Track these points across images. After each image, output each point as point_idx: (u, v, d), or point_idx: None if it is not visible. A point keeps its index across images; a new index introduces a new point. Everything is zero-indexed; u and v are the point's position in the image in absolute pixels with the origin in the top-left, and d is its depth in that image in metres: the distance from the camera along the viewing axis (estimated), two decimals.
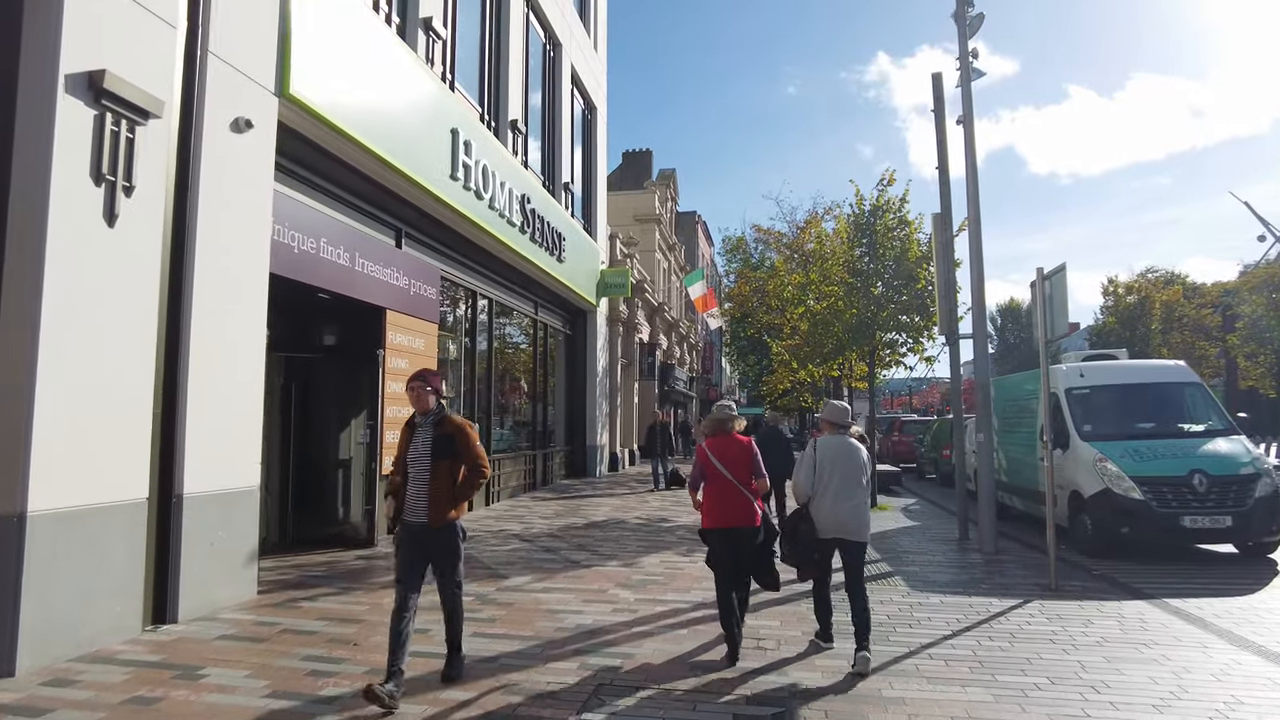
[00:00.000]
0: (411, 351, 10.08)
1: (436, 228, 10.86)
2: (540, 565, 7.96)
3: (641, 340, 24.43)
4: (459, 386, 12.33)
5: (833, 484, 4.97)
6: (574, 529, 10.55)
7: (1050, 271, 7.12)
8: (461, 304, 12.47)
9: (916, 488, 18.92)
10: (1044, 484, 10.29)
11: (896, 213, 14.24)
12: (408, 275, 10.01)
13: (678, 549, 9.04)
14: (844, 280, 14.61)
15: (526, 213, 12.98)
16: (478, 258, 12.41)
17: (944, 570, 8.05)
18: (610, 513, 12.29)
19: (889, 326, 14.23)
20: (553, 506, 12.96)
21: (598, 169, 19.21)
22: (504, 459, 13.82)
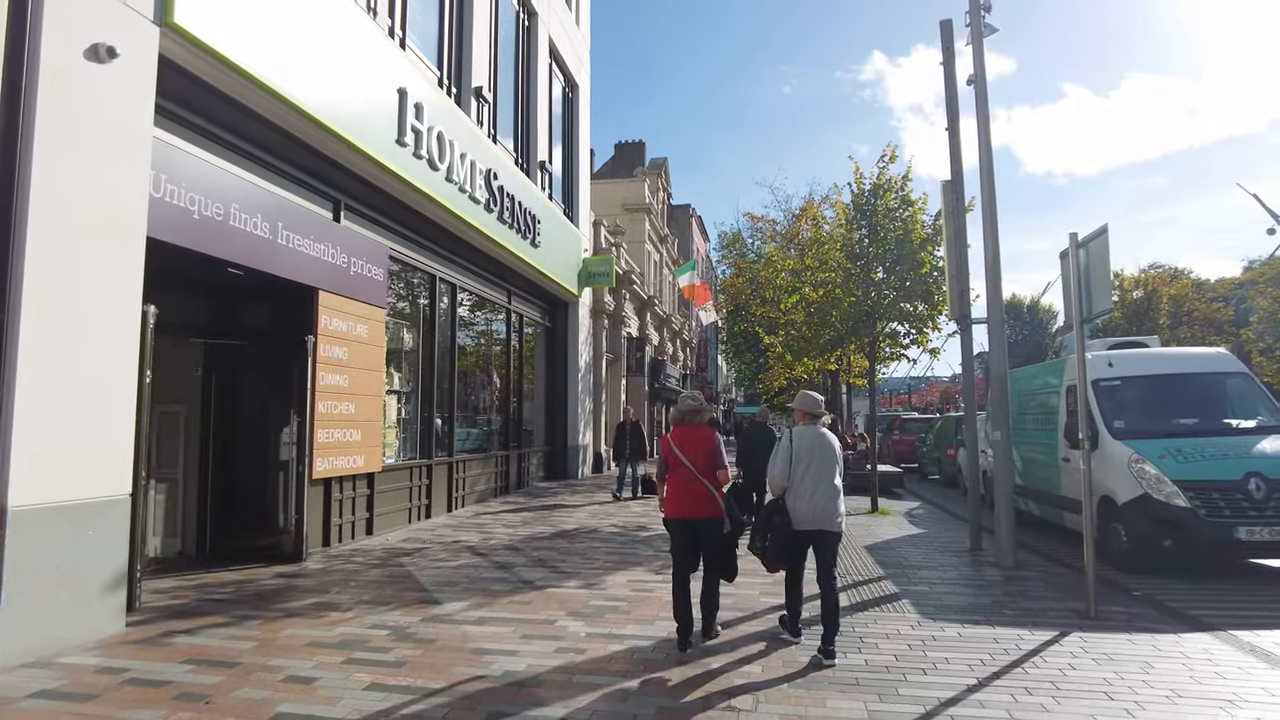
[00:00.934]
0: (352, 339, 8.91)
1: (384, 201, 9.69)
2: (485, 587, 6.79)
3: (630, 334, 23.26)
4: (415, 380, 11.15)
5: (809, 475, 4.90)
6: (538, 540, 9.38)
7: (1087, 236, 5.96)
8: (419, 289, 11.29)
9: (919, 489, 17.77)
10: (1067, 488, 9.16)
11: (899, 192, 13.09)
12: (347, 253, 8.84)
13: (650, 564, 7.87)
14: (842, 266, 13.46)
15: (493, 190, 11.81)
16: (437, 238, 11.24)
17: (958, 590, 6.89)
18: (584, 520, 11.12)
19: (890, 315, 13.08)
20: (522, 513, 11.79)
21: (579, 151, 18.04)
22: (470, 461, 12.65)
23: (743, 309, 22.86)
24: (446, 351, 11.96)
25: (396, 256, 10.31)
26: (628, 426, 14.32)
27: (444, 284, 11.80)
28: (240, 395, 8.73)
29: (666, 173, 32.49)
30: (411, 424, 10.99)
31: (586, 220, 18.58)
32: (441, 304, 11.77)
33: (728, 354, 50.62)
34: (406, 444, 10.85)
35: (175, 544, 8.30)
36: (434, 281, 11.40)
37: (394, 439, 10.37)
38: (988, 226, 8.51)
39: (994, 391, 8.48)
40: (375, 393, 9.43)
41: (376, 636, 5.21)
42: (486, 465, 13.30)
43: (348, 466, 8.81)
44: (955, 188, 8.89)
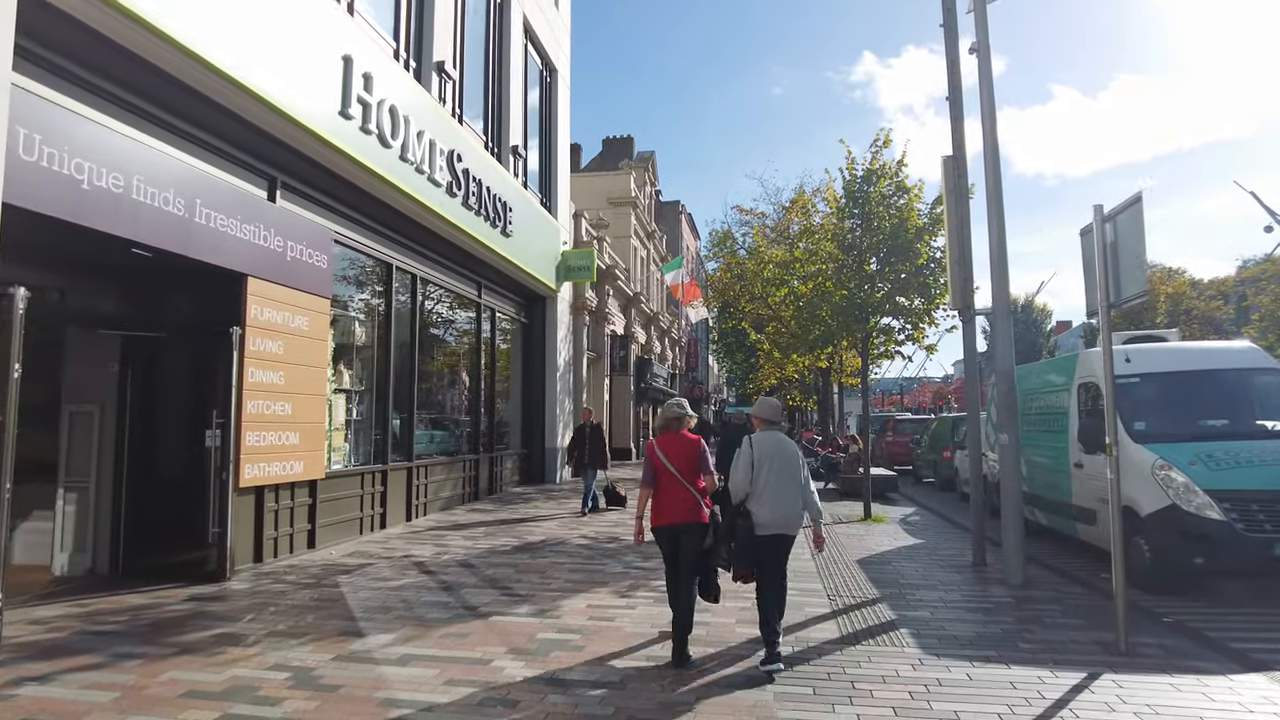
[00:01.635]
0: (289, 332, 8.01)
1: (329, 180, 8.80)
2: (422, 615, 5.91)
3: (614, 332, 22.39)
4: (370, 379, 10.26)
5: (771, 480, 4.90)
6: (497, 554, 8.50)
7: (1116, 208, 5.11)
8: (373, 278, 10.40)
9: (914, 493, 16.96)
10: (1079, 496, 8.34)
11: (893, 178, 12.27)
12: (284, 236, 7.95)
13: (618, 584, 7.01)
14: (833, 257, 12.63)
15: (456, 173, 10.92)
16: (394, 223, 10.34)
17: (964, 616, 6.05)
18: (553, 530, 10.24)
19: (884, 310, 12.26)
20: (487, 523, 10.90)
21: (558, 139, 17.16)
22: (434, 465, 11.75)
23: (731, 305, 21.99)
24: (406, 347, 11.06)
25: (345, 242, 9.41)
26: (586, 430, 12.53)
27: (402, 274, 10.90)
28: (162, 394, 7.81)
29: (654, 166, 31.58)
30: (365, 426, 10.09)
31: (566, 212, 17.71)
32: (400, 295, 10.88)
33: (718, 353, 49.84)
34: (358, 448, 9.95)
35: (85, 560, 7.40)
36: (390, 271, 10.50)
37: (342, 442, 9.48)
38: (992, 208, 7.68)
39: (1000, 390, 7.65)
40: (318, 391, 8.54)
41: (272, 682, 4.33)
42: (453, 470, 12.41)
43: (284, 474, 7.91)
44: (957, 164, 8.05)
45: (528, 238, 14.34)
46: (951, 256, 8.05)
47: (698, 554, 4.92)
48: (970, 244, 8.07)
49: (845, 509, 13.54)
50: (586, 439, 12.37)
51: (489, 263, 13.22)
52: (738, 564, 4.87)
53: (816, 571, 7.76)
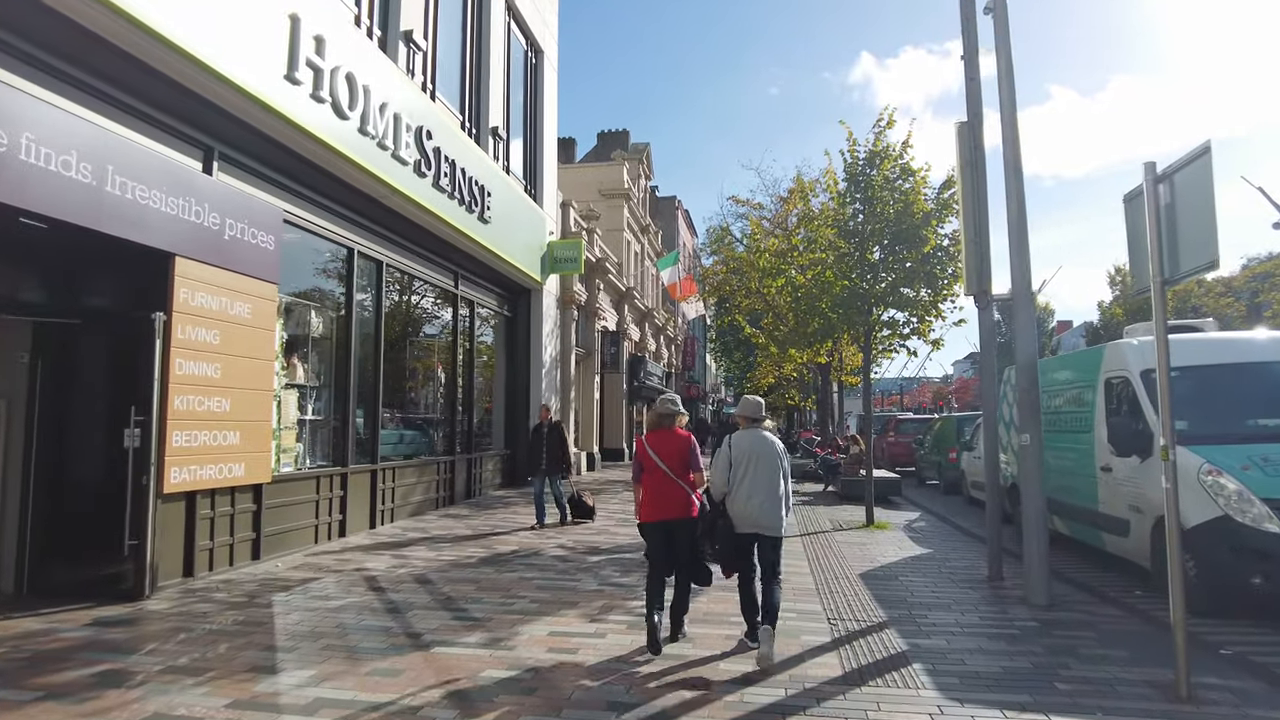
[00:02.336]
0: (228, 320, 7.18)
1: (277, 153, 7.95)
2: (354, 645, 5.07)
3: (605, 328, 21.56)
4: (328, 373, 9.42)
5: (748, 479, 4.94)
6: (461, 567, 7.66)
7: (1175, 164, 4.26)
8: (332, 264, 9.55)
9: (917, 497, 16.13)
10: (1106, 503, 7.50)
11: (898, 161, 11.43)
12: (221, 212, 7.11)
13: (588, 605, 6.16)
14: (833, 245, 11.79)
15: (426, 151, 10.08)
16: (355, 203, 9.50)
17: (985, 645, 5.21)
18: (528, 539, 9.40)
19: (888, 301, 11.42)
20: (457, 530, 10.05)
21: (544, 123, 16.32)
22: (404, 468, 10.90)
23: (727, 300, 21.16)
24: (371, 340, 10.22)
25: (298, 223, 8.57)
26: (544, 430, 10.42)
27: (366, 260, 10.06)
28: (79, 387, 6.96)
29: (649, 158, 30.70)
30: (322, 425, 9.25)
31: (553, 201, 16.87)
32: (362, 283, 10.03)
33: (716, 352, 49.00)
34: (315, 449, 9.11)
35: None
36: (351, 256, 9.66)
37: (294, 443, 8.63)
38: (1011, 179, 6.84)
39: (1021, 385, 6.81)
40: (263, 386, 7.70)
41: None
42: (425, 473, 11.56)
43: (220, 477, 7.07)
44: (973, 131, 7.21)
45: (509, 226, 13.50)
46: (966, 236, 7.21)
47: (692, 548, 5.03)
48: (988, 222, 7.23)
49: (846, 514, 12.70)
50: (544, 441, 10.31)
51: (466, 251, 12.38)
52: (723, 562, 5.05)
53: (816, 589, 6.92)
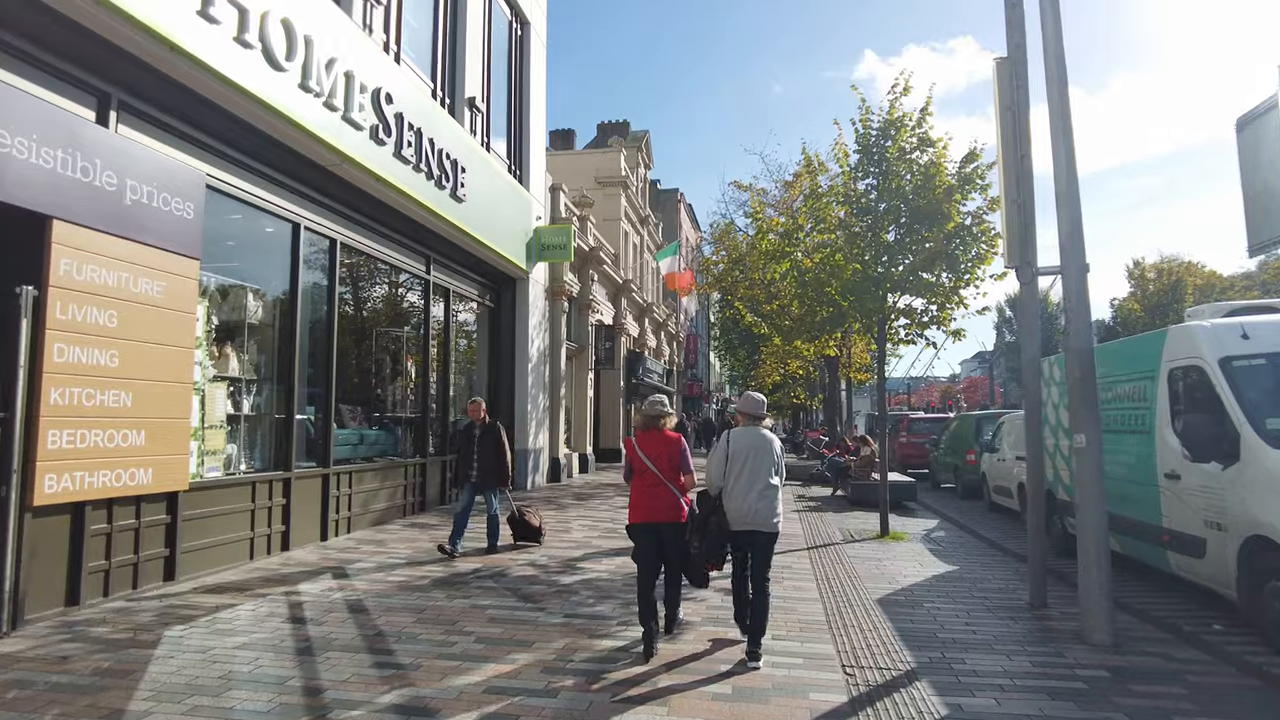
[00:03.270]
0: (130, 299, 6.06)
1: (198, 108, 6.82)
2: (224, 710, 3.93)
3: (600, 322, 20.40)
4: (270, 365, 8.30)
5: (744, 475, 4.91)
6: (409, 589, 6.51)
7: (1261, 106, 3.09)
8: (272, 240, 8.42)
9: (933, 501, 14.94)
10: (1173, 517, 6.28)
11: (915, 130, 10.26)
12: (119, 171, 5.99)
13: (547, 645, 5.01)
14: (844, 224, 10.62)
15: (386, 116, 8.95)
16: (301, 172, 8.37)
17: (1049, 711, 4.04)
18: (495, 555, 8.25)
19: (905, 286, 10.25)
20: (420, 541, 8.91)
21: (530, 99, 15.16)
22: (363, 472, 9.77)
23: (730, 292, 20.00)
24: (323, 327, 9.09)
25: (226, 190, 7.44)
26: (475, 431, 8.29)
27: (315, 237, 8.93)
28: None
29: (648, 146, 29.46)
30: (259, 423, 8.13)
31: (541, 184, 15.72)
32: (311, 263, 8.91)
33: (719, 350, 47.82)
34: (252, 450, 7.99)
35: None
36: (297, 232, 8.52)
37: (223, 443, 7.50)
38: (1057, 129, 5.67)
39: (1074, 376, 5.63)
40: (180, 378, 6.57)
41: None
42: (389, 477, 10.42)
43: (118, 485, 5.95)
44: (1014, 67, 6.02)
45: (489, 207, 12.36)
46: (1007, 197, 6.03)
47: (683, 550, 5.01)
48: (1032, 180, 6.05)
49: (857, 522, 11.53)
50: (475, 445, 8.22)
51: (439, 233, 11.24)
52: (708, 558, 5.00)
53: (826, 620, 5.76)
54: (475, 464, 8.17)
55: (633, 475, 5.04)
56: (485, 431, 8.27)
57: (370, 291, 10.66)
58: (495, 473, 8.17)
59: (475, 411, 8.42)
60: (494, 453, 8.19)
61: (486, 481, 8.17)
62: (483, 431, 8.27)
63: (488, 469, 8.15)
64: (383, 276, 10.88)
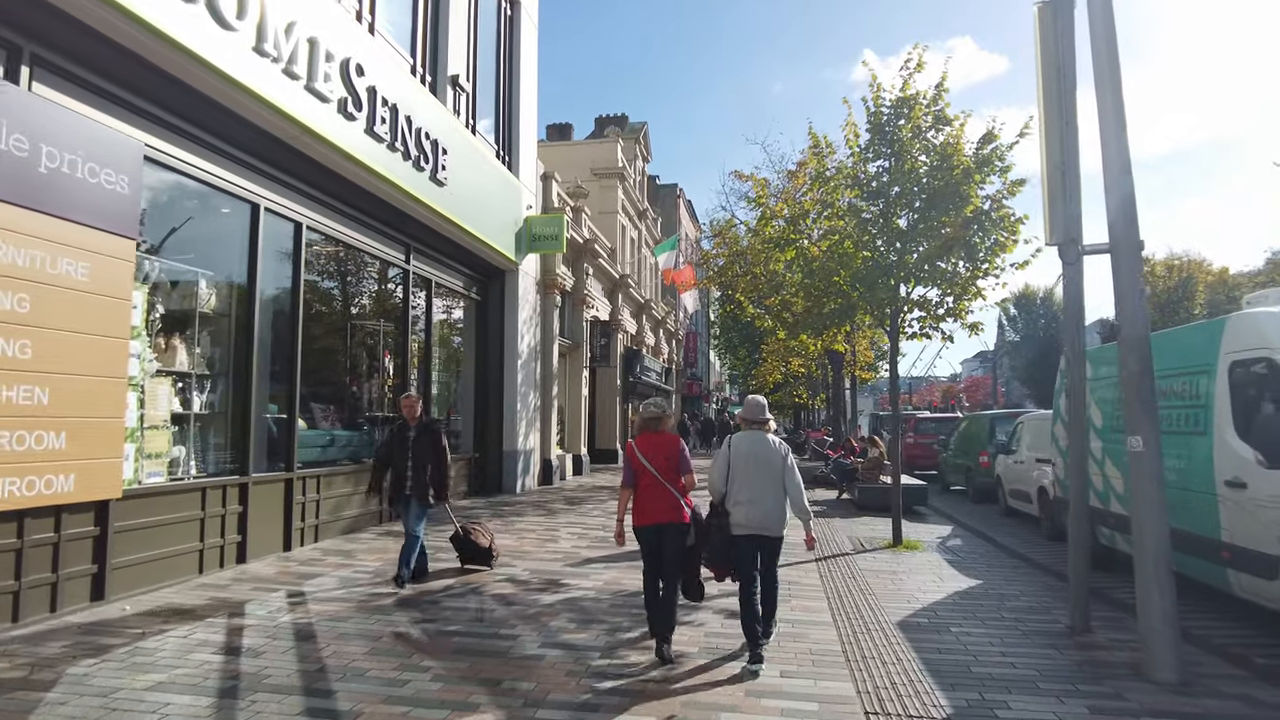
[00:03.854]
0: (46, 281, 5.32)
1: (131, 67, 6.06)
2: None
3: (596, 318, 19.65)
4: (225, 359, 7.55)
5: (747, 480, 4.86)
6: (368, 610, 5.76)
7: None
8: (226, 221, 7.66)
9: (944, 505, 14.20)
10: (1234, 531, 5.53)
11: (931, 108, 9.52)
12: (31, 135, 5.26)
13: (513, 688, 4.25)
14: (853, 209, 9.87)
15: (356, 89, 8.19)
16: (261, 148, 7.62)
17: None
18: (470, 566, 7.49)
19: (920, 276, 9.50)
20: (392, 552, 8.14)
21: (520, 83, 14.40)
22: (331, 476, 9.01)
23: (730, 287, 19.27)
24: (286, 318, 8.34)
25: (170, 164, 6.68)
26: (409, 434, 6.81)
27: (277, 219, 8.16)
28: None
29: (646, 138, 28.66)
30: (213, 423, 7.38)
31: (532, 172, 14.96)
32: (273, 249, 8.15)
33: (719, 348, 47.09)
34: (203, 453, 7.24)
35: None
36: (257, 214, 7.76)
37: (167, 445, 6.75)
38: (1104, 83, 4.91)
39: (1129, 369, 4.87)
40: (110, 372, 5.82)
41: None
42: (364, 481, 9.60)
43: (30, 495, 5.21)
44: (1057, 12, 5.26)
45: (474, 193, 11.60)
46: (1049, 162, 5.27)
47: (680, 553, 4.93)
48: (1077, 143, 5.29)
49: (865, 528, 10.78)
50: (409, 451, 6.74)
51: (418, 219, 10.48)
52: (713, 563, 4.98)
53: (842, 649, 5.01)
54: (409, 473, 6.71)
55: (634, 478, 4.97)
56: (421, 433, 6.80)
57: (343, 281, 9.90)
58: (428, 485, 6.69)
59: (410, 409, 6.92)
60: (431, 459, 6.74)
61: (420, 493, 6.66)
62: (417, 433, 6.78)
63: (421, 480, 6.67)
64: (357, 265, 10.12)
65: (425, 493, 6.69)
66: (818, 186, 10.06)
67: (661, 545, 4.88)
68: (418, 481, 6.69)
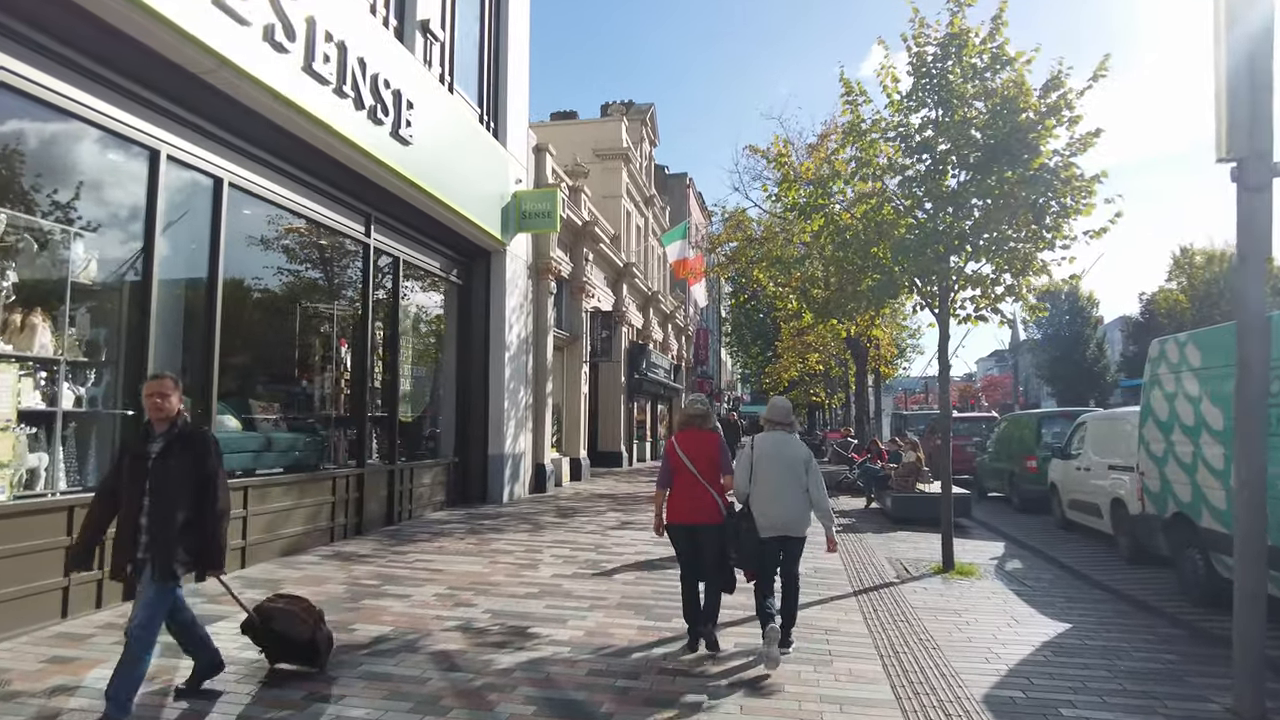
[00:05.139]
0: None
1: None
2: None
3: (597, 309, 18.08)
4: (111, 341, 6.02)
5: (770, 481, 4.87)
6: (249, 679, 4.20)
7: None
8: (119, 171, 6.13)
9: (987, 516, 12.53)
10: None
11: (987, 44, 7.90)
12: None
13: None
14: (895, 166, 8.24)
15: (287, 16, 6.63)
16: (165, 82, 6.08)
17: None
18: (423, 604, 5.93)
19: (978, 245, 7.87)
20: (332, 583, 6.60)
21: (509, 41, 12.84)
22: (266, 488, 7.47)
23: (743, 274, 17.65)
24: (201, 296, 6.81)
25: (32, 93, 5.16)
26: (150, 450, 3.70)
27: (187, 171, 6.63)
28: None
29: (653, 121, 26.99)
30: (93, 425, 5.86)
31: (523, 143, 13.41)
32: (181, 207, 6.62)
33: (731, 345, 45.41)
34: (79, 461, 5.71)
35: None
36: (156, 162, 6.22)
37: (15, 453, 5.21)
38: None
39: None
40: None
41: None
42: (308, 493, 8.11)
43: None
44: None
45: (449, 159, 10.07)
46: (1223, 48, 3.63)
47: (721, 554, 4.85)
48: (1274, 18, 3.64)
49: (905, 547, 9.19)
50: (147, 479, 3.64)
51: (380, 184, 8.93)
52: (743, 565, 4.90)
53: None
54: (144, 521, 3.62)
55: (671, 477, 4.91)
56: (172, 447, 3.69)
57: (286, 255, 8.35)
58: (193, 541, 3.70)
59: (157, 404, 3.73)
60: (186, 496, 3.68)
61: (162, 560, 3.58)
62: (166, 448, 3.69)
63: (166, 534, 3.60)
64: (304, 236, 8.58)
65: (171, 559, 3.59)
66: (851, 142, 8.43)
67: (699, 548, 4.85)
68: (158, 538, 3.60)
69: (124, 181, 6.11)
